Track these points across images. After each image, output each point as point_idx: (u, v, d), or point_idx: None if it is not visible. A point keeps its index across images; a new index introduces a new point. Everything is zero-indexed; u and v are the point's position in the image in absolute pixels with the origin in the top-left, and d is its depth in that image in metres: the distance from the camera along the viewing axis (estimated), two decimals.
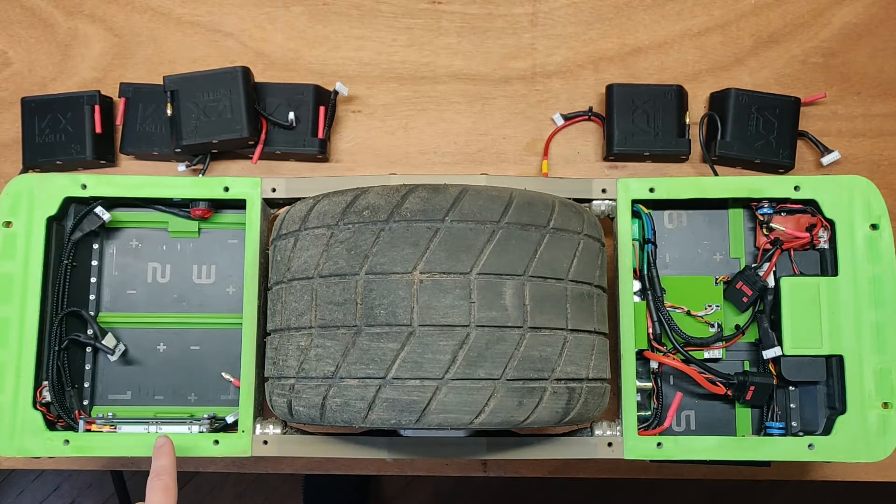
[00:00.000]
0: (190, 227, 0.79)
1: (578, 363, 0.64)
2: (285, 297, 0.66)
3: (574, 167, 0.86)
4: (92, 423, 0.73)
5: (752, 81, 0.87)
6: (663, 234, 0.78)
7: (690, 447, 0.71)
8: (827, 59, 0.87)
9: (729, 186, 0.75)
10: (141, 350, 0.78)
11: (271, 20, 0.89)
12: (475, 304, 0.60)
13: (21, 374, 0.72)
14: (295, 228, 0.66)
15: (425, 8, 0.89)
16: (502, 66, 0.88)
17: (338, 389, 0.61)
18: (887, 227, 0.73)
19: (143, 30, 0.89)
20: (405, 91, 0.87)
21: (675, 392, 0.74)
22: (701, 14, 0.88)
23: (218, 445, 0.72)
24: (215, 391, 0.78)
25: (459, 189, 0.62)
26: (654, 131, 0.83)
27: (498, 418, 0.60)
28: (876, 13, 0.88)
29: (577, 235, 0.66)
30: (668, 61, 0.87)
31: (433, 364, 0.59)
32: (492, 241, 0.61)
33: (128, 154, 0.85)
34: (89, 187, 0.75)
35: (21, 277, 0.73)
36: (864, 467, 0.74)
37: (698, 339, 0.75)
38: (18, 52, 0.89)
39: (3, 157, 0.87)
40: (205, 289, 0.80)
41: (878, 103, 0.86)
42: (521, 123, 0.87)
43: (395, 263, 0.61)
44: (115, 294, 0.79)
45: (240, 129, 0.80)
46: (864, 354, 0.72)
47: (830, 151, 0.83)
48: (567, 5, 0.89)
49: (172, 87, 0.81)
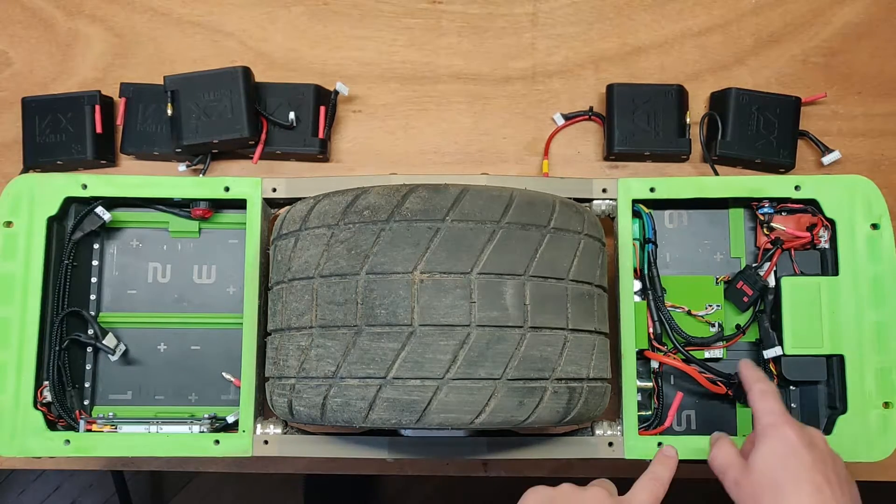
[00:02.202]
0: (190, 226, 0.79)
1: (579, 363, 0.64)
2: (286, 297, 0.66)
3: (574, 167, 0.86)
4: (93, 423, 0.73)
5: (752, 81, 0.86)
6: (664, 233, 0.78)
7: (691, 447, 0.71)
8: (827, 59, 0.87)
9: (729, 186, 0.75)
10: (141, 350, 0.79)
11: (272, 20, 0.89)
12: (476, 304, 0.60)
13: (22, 374, 0.72)
14: (295, 228, 0.66)
15: (426, 8, 0.89)
16: (503, 66, 0.88)
17: (338, 389, 0.61)
18: (888, 227, 0.73)
19: (143, 30, 0.89)
20: (406, 91, 0.87)
21: (676, 392, 0.74)
22: (701, 14, 0.88)
23: (218, 445, 0.72)
24: (216, 391, 0.78)
25: (460, 189, 0.62)
26: (654, 131, 0.83)
27: (498, 418, 0.60)
28: (876, 13, 0.88)
29: (577, 235, 0.66)
30: (668, 61, 0.87)
31: (434, 364, 0.59)
32: (492, 241, 0.61)
33: (128, 154, 0.85)
34: (90, 187, 0.75)
35: (22, 277, 0.73)
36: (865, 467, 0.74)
37: (699, 339, 0.75)
38: (19, 53, 0.89)
39: (4, 157, 0.87)
40: (205, 289, 0.80)
41: (879, 103, 0.86)
42: (521, 123, 0.87)
43: (396, 263, 0.61)
44: (115, 294, 0.79)
45: (240, 129, 0.80)
46: (865, 354, 0.72)
47: (831, 151, 0.83)
48: (567, 5, 0.89)
49: (173, 87, 0.81)
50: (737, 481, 0.60)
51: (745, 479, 0.60)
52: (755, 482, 0.59)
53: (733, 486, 0.60)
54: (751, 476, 0.59)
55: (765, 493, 0.58)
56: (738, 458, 0.62)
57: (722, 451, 0.63)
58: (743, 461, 0.61)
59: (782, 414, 0.61)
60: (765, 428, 0.61)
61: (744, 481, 0.60)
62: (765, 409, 0.62)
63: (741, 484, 0.60)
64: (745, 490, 0.59)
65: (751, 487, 0.59)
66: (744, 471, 0.60)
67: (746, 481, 0.59)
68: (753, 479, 0.59)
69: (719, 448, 0.63)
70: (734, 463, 0.61)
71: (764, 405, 0.62)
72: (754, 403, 0.63)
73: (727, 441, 0.64)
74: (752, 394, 0.64)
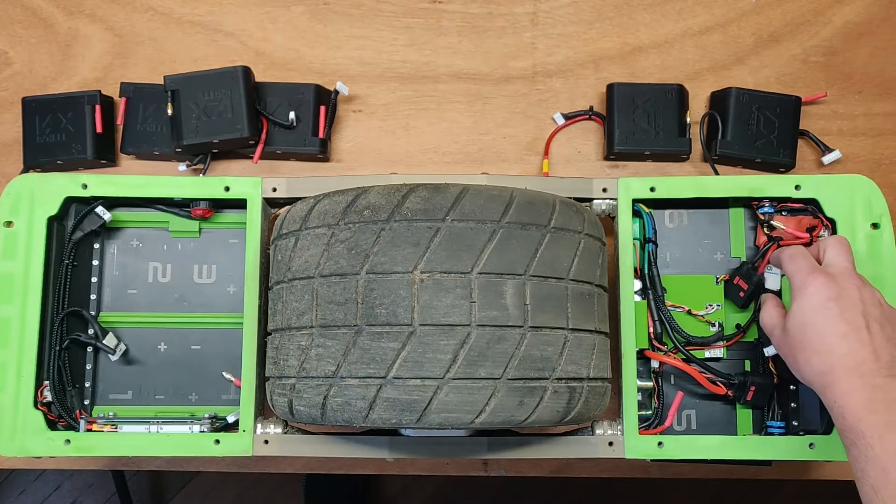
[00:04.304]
0: (191, 226, 0.79)
1: (579, 362, 0.64)
2: (286, 297, 0.66)
3: (575, 166, 0.86)
4: (93, 423, 0.73)
5: (752, 80, 0.86)
6: (664, 233, 0.78)
7: (691, 446, 0.71)
8: (828, 58, 0.87)
9: (730, 186, 0.75)
10: (142, 350, 0.79)
11: (272, 20, 0.89)
12: (476, 304, 0.60)
13: (22, 374, 0.72)
14: (296, 228, 0.66)
15: (426, 7, 0.89)
16: (503, 66, 0.88)
17: (339, 389, 0.61)
18: (888, 227, 0.73)
19: (143, 29, 0.89)
20: (406, 90, 0.87)
21: (676, 391, 0.74)
22: (702, 13, 0.88)
23: (219, 445, 0.72)
24: (216, 391, 0.78)
25: (460, 188, 0.62)
26: (654, 130, 0.83)
27: (499, 418, 0.60)
28: (877, 12, 0.88)
29: (577, 235, 0.66)
30: (668, 60, 0.87)
31: (434, 363, 0.59)
32: (492, 241, 0.61)
33: (128, 154, 0.85)
34: (90, 187, 0.75)
35: (22, 277, 0.73)
36: None
37: (699, 339, 0.75)
38: (19, 52, 0.89)
39: (4, 156, 0.87)
40: (205, 288, 0.80)
41: (879, 102, 0.86)
42: (521, 123, 0.87)
43: (396, 263, 0.61)
44: (115, 294, 0.79)
45: (240, 129, 0.80)
46: None
47: (831, 150, 0.83)
48: (568, 4, 0.89)
49: (173, 87, 0.81)
50: (781, 339, 0.66)
51: (785, 336, 0.65)
52: (793, 338, 0.64)
53: (780, 344, 0.66)
54: (789, 333, 0.64)
55: (803, 346, 0.63)
56: (780, 319, 0.67)
57: (767, 312, 0.69)
58: (783, 322, 0.66)
59: (810, 271, 0.64)
60: (797, 288, 0.65)
61: (785, 338, 0.65)
62: (792, 269, 0.66)
63: (784, 341, 0.65)
64: (787, 346, 0.65)
65: (791, 342, 0.64)
66: (783, 332, 0.65)
67: (787, 338, 0.64)
68: (792, 336, 0.64)
69: (766, 310, 0.69)
70: (777, 323, 0.67)
71: (792, 266, 0.66)
72: (785, 269, 0.67)
73: (773, 302, 0.69)
74: (783, 262, 0.68)
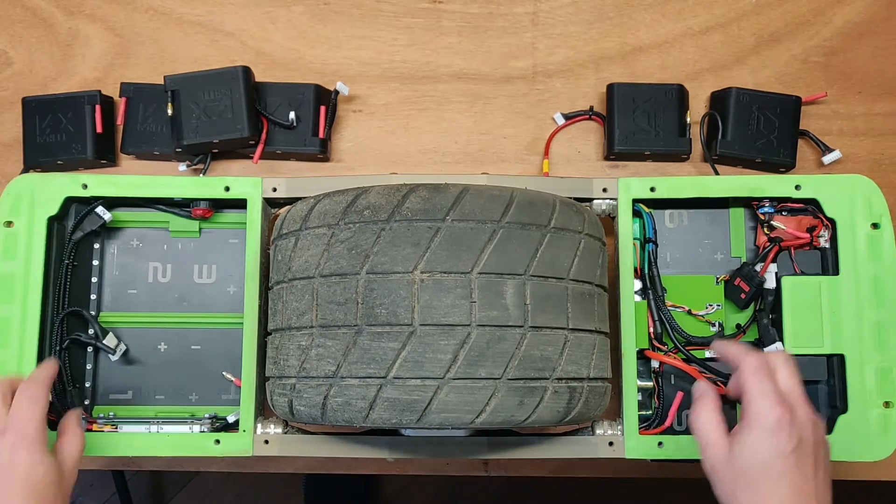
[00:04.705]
0: (191, 226, 0.79)
1: (579, 362, 0.64)
2: (286, 297, 0.66)
3: (575, 166, 0.86)
4: (93, 423, 0.73)
5: (753, 80, 0.86)
6: (664, 233, 0.78)
7: (691, 446, 0.71)
8: (828, 58, 0.87)
9: (730, 186, 0.75)
10: (142, 350, 0.79)
11: (272, 20, 0.89)
12: (476, 304, 0.60)
13: (22, 375, 0.72)
14: (296, 228, 0.66)
15: (426, 7, 0.89)
16: (503, 66, 0.88)
17: (339, 389, 0.61)
18: (888, 227, 0.73)
19: (143, 29, 0.89)
20: (406, 90, 0.87)
21: (677, 391, 0.74)
22: (702, 13, 0.88)
23: (219, 445, 0.72)
24: (216, 391, 0.78)
25: (460, 189, 0.62)
26: (654, 130, 0.83)
27: (499, 418, 0.60)
28: (877, 12, 0.88)
29: (577, 235, 0.66)
30: (668, 60, 0.87)
31: (434, 363, 0.59)
32: (493, 241, 0.61)
33: (129, 154, 0.85)
34: (90, 187, 0.75)
35: (22, 277, 0.73)
36: (866, 466, 0.74)
37: (699, 339, 0.75)
38: (19, 52, 0.89)
39: (4, 156, 0.87)
40: (206, 288, 0.80)
41: (880, 102, 0.86)
42: (521, 123, 0.87)
43: (396, 263, 0.61)
44: (116, 294, 0.79)
45: (240, 129, 0.80)
46: (866, 353, 0.72)
47: (831, 150, 0.83)
48: (568, 4, 0.89)
49: (173, 87, 0.81)
50: (714, 466, 0.57)
51: (731, 464, 0.56)
52: (741, 473, 0.55)
53: (719, 468, 0.57)
54: (737, 464, 0.56)
55: (752, 488, 0.55)
56: (722, 437, 0.58)
57: (704, 421, 0.59)
58: (726, 442, 0.57)
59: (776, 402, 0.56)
60: (759, 414, 0.56)
61: (730, 466, 0.56)
62: (757, 390, 0.56)
63: (728, 469, 0.56)
64: (730, 477, 0.56)
65: (736, 475, 0.56)
66: (726, 457, 0.57)
67: (732, 468, 0.56)
68: (739, 470, 0.56)
69: (701, 414, 0.59)
70: (718, 442, 0.57)
71: (756, 386, 0.57)
72: (746, 381, 0.57)
73: (712, 406, 0.59)
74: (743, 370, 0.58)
